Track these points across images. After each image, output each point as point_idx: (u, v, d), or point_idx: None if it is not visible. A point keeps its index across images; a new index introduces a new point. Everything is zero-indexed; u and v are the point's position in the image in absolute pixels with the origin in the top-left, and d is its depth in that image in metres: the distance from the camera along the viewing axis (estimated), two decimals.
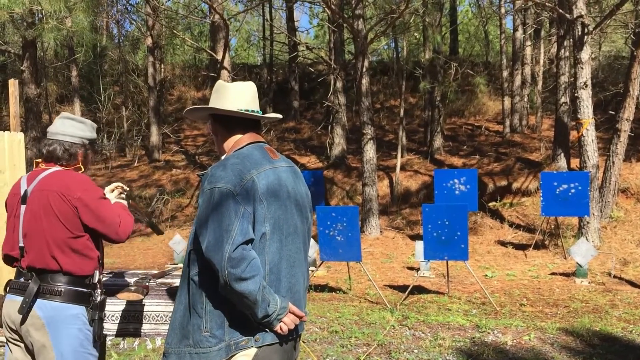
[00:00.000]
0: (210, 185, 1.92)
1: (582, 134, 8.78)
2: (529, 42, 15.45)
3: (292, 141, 16.51)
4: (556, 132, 11.60)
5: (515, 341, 5.09)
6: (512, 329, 5.48)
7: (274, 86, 19.50)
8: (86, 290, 2.48)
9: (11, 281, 2.53)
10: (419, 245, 7.51)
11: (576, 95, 8.83)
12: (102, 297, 2.54)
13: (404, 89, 14.05)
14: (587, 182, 8.47)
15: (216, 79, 10.36)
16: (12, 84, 3.90)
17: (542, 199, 8.74)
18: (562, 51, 11.41)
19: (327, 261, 7.36)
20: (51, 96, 18.59)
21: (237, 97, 2.12)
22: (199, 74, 20.85)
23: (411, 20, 13.02)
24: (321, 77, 17.40)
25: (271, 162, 2.05)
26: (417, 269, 8.21)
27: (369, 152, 10.52)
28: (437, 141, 13.96)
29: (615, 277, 7.51)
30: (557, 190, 8.58)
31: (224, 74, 11.48)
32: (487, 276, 7.96)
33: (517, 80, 14.92)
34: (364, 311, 6.22)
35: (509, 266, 8.47)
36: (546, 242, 9.30)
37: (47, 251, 2.42)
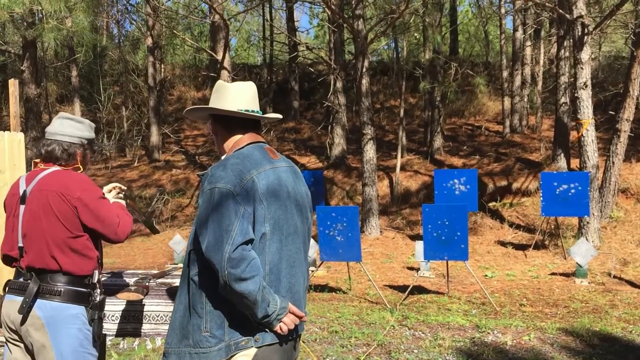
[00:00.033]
0: (210, 185, 1.92)
1: (582, 134, 8.78)
2: (529, 42, 15.45)
3: (292, 141, 16.51)
4: (556, 133, 11.60)
5: (515, 341, 5.09)
6: (512, 329, 5.48)
7: (274, 86, 19.49)
8: (86, 290, 2.48)
9: (10, 281, 2.53)
10: (419, 245, 7.51)
11: (576, 95, 8.83)
12: (101, 296, 2.54)
13: (404, 89, 14.05)
14: (587, 183, 8.48)
15: (216, 79, 10.35)
16: (12, 84, 3.90)
17: (542, 199, 8.75)
18: (562, 51, 11.41)
19: (327, 261, 7.36)
20: (51, 96, 18.60)
21: (237, 97, 2.12)
22: (199, 74, 20.84)
23: (411, 20, 13.02)
24: (321, 77, 17.39)
25: (271, 162, 2.05)
26: (417, 269, 8.21)
27: (369, 152, 10.51)
28: (437, 141, 13.96)
29: (615, 277, 7.51)
30: (557, 190, 8.59)
31: (224, 74, 11.48)
32: (487, 276, 7.96)
33: (517, 80, 14.92)
34: (364, 311, 6.22)
35: (508, 266, 8.47)
36: (546, 242, 9.29)
37: (47, 251, 2.41)
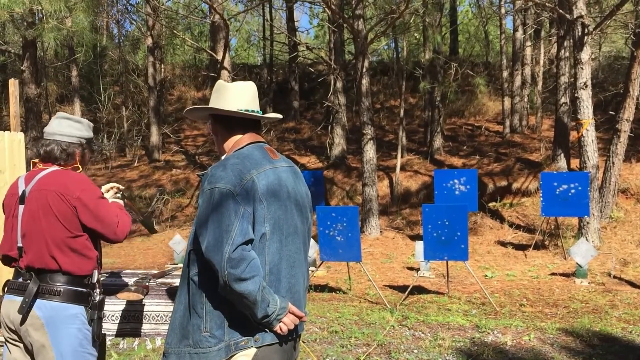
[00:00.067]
0: (210, 185, 1.92)
1: (582, 135, 8.78)
2: (529, 43, 15.45)
3: (292, 141, 16.51)
4: (556, 133, 11.60)
5: (515, 341, 5.09)
6: (512, 329, 5.48)
7: (274, 86, 19.49)
8: (85, 290, 2.48)
9: (9, 281, 2.52)
10: (419, 245, 7.51)
11: (576, 95, 8.83)
12: (101, 296, 2.54)
13: (404, 89, 14.04)
14: (587, 183, 8.47)
15: (216, 79, 10.33)
16: (12, 84, 3.90)
17: (542, 199, 8.74)
18: (562, 51, 11.41)
19: (327, 261, 7.36)
20: (51, 96, 18.60)
21: (237, 97, 2.12)
22: (199, 74, 20.84)
23: (411, 20, 13.02)
24: (321, 77, 17.40)
25: (271, 162, 2.04)
26: (417, 269, 8.21)
27: (369, 152, 10.51)
28: (437, 141, 13.96)
29: (615, 277, 7.51)
30: (557, 190, 8.58)
31: (224, 74, 11.48)
32: (487, 276, 7.96)
33: (517, 80, 14.91)
34: (364, 311, 6.22)
35: (508, 266, 8.47)
36: (546, 243, 9.29)
37: (46, 251, 2.41)
